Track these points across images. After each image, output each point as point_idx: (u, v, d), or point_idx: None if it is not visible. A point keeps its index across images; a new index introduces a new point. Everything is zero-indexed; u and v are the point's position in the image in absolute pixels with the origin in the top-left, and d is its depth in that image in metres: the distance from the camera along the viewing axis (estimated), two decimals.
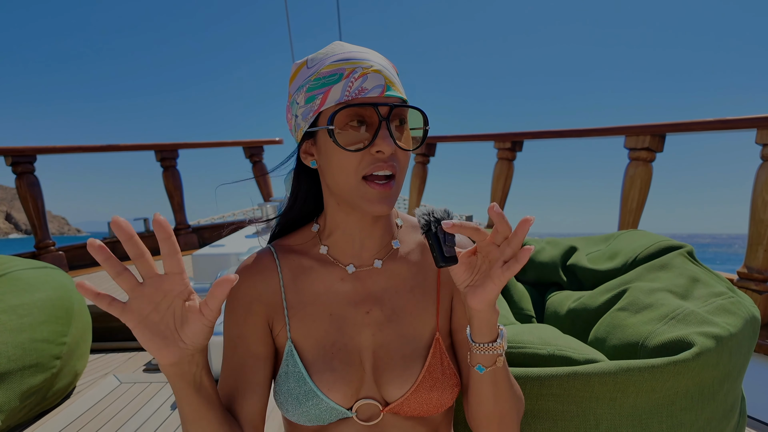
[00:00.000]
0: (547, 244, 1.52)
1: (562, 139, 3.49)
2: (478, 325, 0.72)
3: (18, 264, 2.08)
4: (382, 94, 0.72)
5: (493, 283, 0.67)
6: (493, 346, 0.72)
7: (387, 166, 0.72)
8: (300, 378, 0.78)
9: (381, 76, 0.73)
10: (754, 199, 2.30)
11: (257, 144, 5.31)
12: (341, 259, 0.84)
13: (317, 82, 0.74)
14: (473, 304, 0.69)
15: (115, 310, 0.59)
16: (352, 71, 0.72)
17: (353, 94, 0.72)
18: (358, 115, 0.72)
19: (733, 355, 0.95)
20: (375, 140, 0.71)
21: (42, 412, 1.94)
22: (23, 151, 3.82)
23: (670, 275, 1.14)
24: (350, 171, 0.73)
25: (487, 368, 0.74)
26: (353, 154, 0.72)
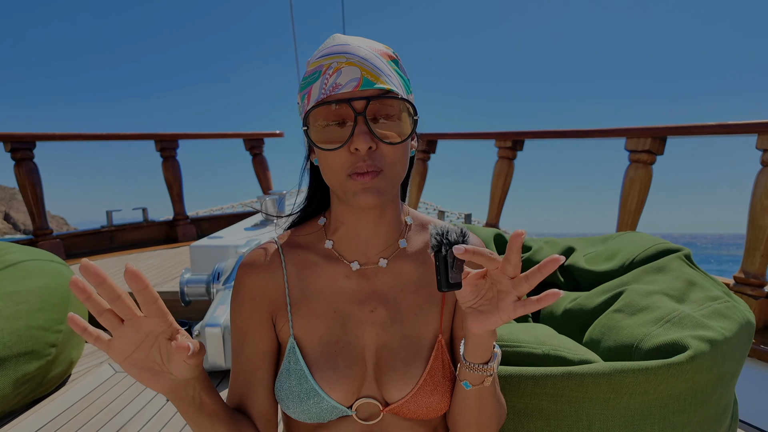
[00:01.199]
0: (545, 244, 1.52)
1: (563, 139, 3.49)
2: (473, 347, 0.71)
3: (15, 251, 2.08)
4: (357, 88, 0.69)
5: (500, 317, 0.64)
6: (484, 368, 0.72)
7: (366, 165, 0.70)
8: (302, 376, 0.78)
9: (356, 68, 0.69)
10: (753, 205, 2.31)
11: (258, 136, 5.30)
12: (346, 255, 0.83)
13: (304, 82, 0.74)
14: (473, 328, 0.67)
15: (102, 346, 0.60)
16: (328, 67, 0.70)
17: (328, 91, 0.70)
18: (334, 113, 0.70)
19: (727, 359, 0.95)
20: (351, 137, 0.69)
21: (36, 400, 1.94)
22: (23, 138, 3.81)
23: (666, 278, 1.14)
24: (336, 169, 0.72)
25: (473, 386, 0.73)
26: (333, 153, 0.71)
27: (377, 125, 0.70)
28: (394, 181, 0.74)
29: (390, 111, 0.71)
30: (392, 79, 0.72)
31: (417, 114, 0.74)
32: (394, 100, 0.71)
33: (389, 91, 0.71)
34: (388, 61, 0.74)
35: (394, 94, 0.71)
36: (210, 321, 2.06)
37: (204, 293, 2.40)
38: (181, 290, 2.39)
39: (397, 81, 0.74)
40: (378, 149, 0.71)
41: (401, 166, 0.74)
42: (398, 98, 0.71)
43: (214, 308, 2.16)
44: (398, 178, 0.75)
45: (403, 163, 0.75)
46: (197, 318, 2.81)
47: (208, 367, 2.09)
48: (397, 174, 0.74)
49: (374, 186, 0.71)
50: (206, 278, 2.40)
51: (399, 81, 0.74)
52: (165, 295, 2.88)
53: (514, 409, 0.97)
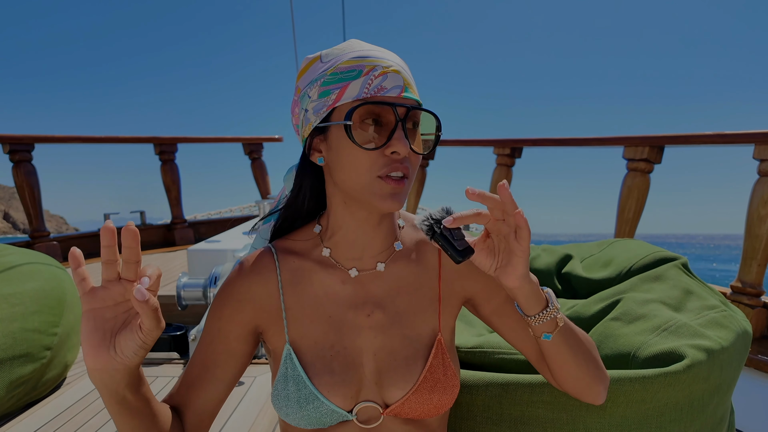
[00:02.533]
0: (543, 251, 1.52)
1: (562, 147, 3.50)
2: (524, 299, 0.72)
3: (11, 253, 2.07)
4: (401, 94, 0.72)
5: (518, 257, 0.67)
6: (548, 312, 0.72)
7: (401, 167, 0.72)
8: (300, 381, 0.77)
9: (400, 76, 0.73)
10: (750, 214, 2.31)
11: (257, 141, 5.30)
12: (343, 262, 0.82)
13: (334, 77, 0.73)
14: (509, 283, 0.69)
15: (83, 286, 0.61)
16: (372, 69, 0.72)
17: (372, 91, 0.71)
18: (374, 114, 0.71)
19: (723, 368, 0.95)
20: (391, 141, 0.71)
21: (31, 403, 1.93)
22: (21, 139, 3.80)
23: (663, 287, 1.15)
24: (363, 169, 0.72)
25: (552, 333, 0.74)
26: (367, 153, 0.71)
27: (410, 133, 0.74)
28: (410, 188, 0.77)
29: (420, 122, 0.76)
30: (416, 88, 0.77)
31: (441, 130, 0.77)
32: (424, 114, 0.75)
33: (420, 103, 0.76)
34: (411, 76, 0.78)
35: (428, 109, 0.75)
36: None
37: (201, 297, 2.39)
38: (177, 294, 2.38)
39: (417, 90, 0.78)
40: (409, 155, 0.74)
41: (415, 175, 0.78)
42: (432, 113, 0.75)
43: None
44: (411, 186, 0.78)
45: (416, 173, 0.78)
46: (193, 322, 2.80)
47: None
48: (412, 182, 0.77)
49: (401, 192, 0.73)
50: (203, 282, 2.39)
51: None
52: (161, 299, 2.87)
53: (511, 417, 0.97)
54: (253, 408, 1.88)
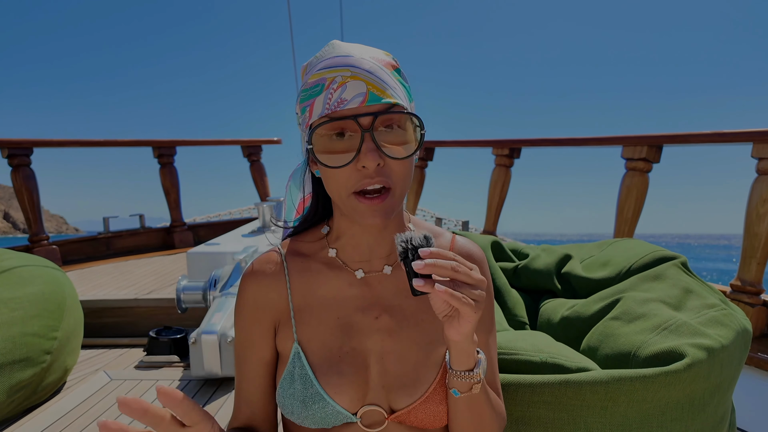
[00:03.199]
0: (543, 251, 1.52)
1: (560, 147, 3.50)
2: (456, 354, 0.71)
3: (10, 257, 2.07)
4: (363, 103, 0.68)
5: (465, 320, 0.64)
6: (470, 375, 0.72)
7: (375, 180, 0.69)
8: (306, 380, 0.77)
9: (362, 83, 0.68)
10: (749, 213, 2.32)
11: (255, 143, 5.30)
12: (350, 264, 0.82)
13: (305, 94, 0.72)
14: (451, 335, 0.67)
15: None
16: (332, 81, 0.69)
17: (333, 106, 0.68)
18: (340, 128, 0.69)
19: (724, 367, 0.95)
20: (359, 155, 0.68)
21: (31, 407, 1.93)
22: (20, 144, 3.80)
23: (663, 286, 1.15)
24: (340, 186, 0.71)
25: (462, 393, 0.73)
26: (340, 170, 0.70)
27: (384, 136, 0.69)
28: (402, 196, 0.74)
29: (397, 123, 0.71)
30: (397, 92, 0.72)
31: (424, 128, 0.73)
32: (402, 114, 0.70)
33: (395, 104, 0.70)
34: (392, 72, 0.73)
35: (400, 107, 0.70)
36: (206, 328, 2.06)
37: (200, 300, 2.39)
38: (177, 297, 2.38)
39: (402, 92, 0.73)
40: (386, 165, 0.70)
41: (408, 180, 0.74)
42: (405, 112, 0.70)
43: (211, 315, 2.15)
44: (405, 193, 0.75)
45: (410, 177, 0.74)
46: (193, 325, 2.80)
47: (205, 375, 2.08)
48: (404, 189, 0.74)
49: (383, 208, 0.71)
50: (203, 285, 2.39)
51: (403, 92, 0.74)
52: (161, 302, 2.87)
53: (512, 417, 0.97)
54: None
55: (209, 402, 1.95)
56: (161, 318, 2.87)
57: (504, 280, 1.43)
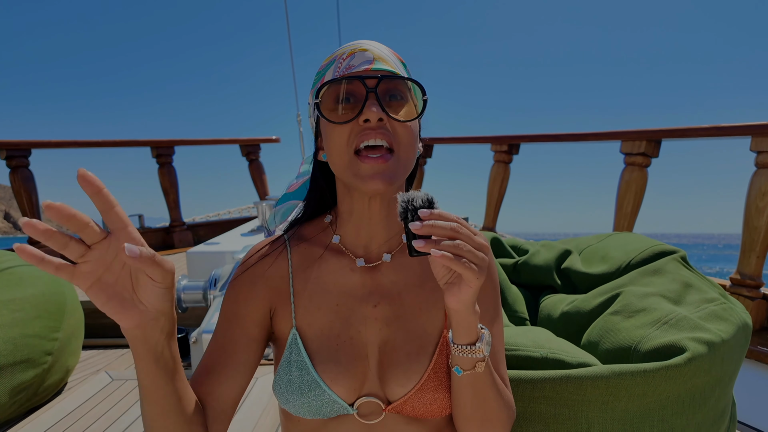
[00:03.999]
0: (542, 247, 1.52)
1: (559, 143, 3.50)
2: (457, 325, 0.69)
3: (11, 258, 2.07)
4: (370, 67, 0.72)
5: (467, 286, 0.63)
6: (472, 349, 0.69)
7: (376, 134, 0.70)
8: (303, 367, 0.76)
9: (369, 53, 0.73)
10: (748, 206, 2.32)
11: (254, 142, 5.30)
12: (352, 249, 0.83)
13: (318, 76, 0.77)
14: (450, 303, 0.65)
15: (65, 274, 0.54)
16: (342, 54, 0.74)
17: (342, 71, 0.73)
18: (346, 92, 0.72)
19: (724, 361, 0.95)
20: (362, 110, 0.70)
21: (32, 408, 1.93)
22: (18, 145, 3.80)
23: (663, 280, 1.15)
24: (342, 146, 0.72)
25: (465, 371, 0.71)
26: (343, 128, 0.71)
27: (388, 103, 0.73)
28: (407, 165, 0.75)
29: (401, 93, 0.74)
30: (400, 69, 0.76)
31: (426, 94, 0.75)
32: (404, 82, 0.74)
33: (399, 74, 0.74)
34: (399, 61, 0.78)
35: (403, 76, 0.74)
36: (207, 327, 2.06)
37: (201, 300, 2.39)
38: (177, 297, 2.38)
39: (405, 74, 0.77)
40: (389, 123, 0.72)
41: (411, 149, 0.75)
42: (408, 79, 0.74)
43: (211, 315, 2.15)
44: (409, 163, 0.75)
45: (414, 147, 0.76)
46: (194, 325, 2.80)
47: None
48: (409, 157, 0.75)
49: (386, 170, 0.71)
50: (203, 285, 2.39)
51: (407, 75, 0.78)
52: None
53: None
54: (255, 409, 1.88)
55: None
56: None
57: (504, 276, 1.43)
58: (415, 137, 0.75)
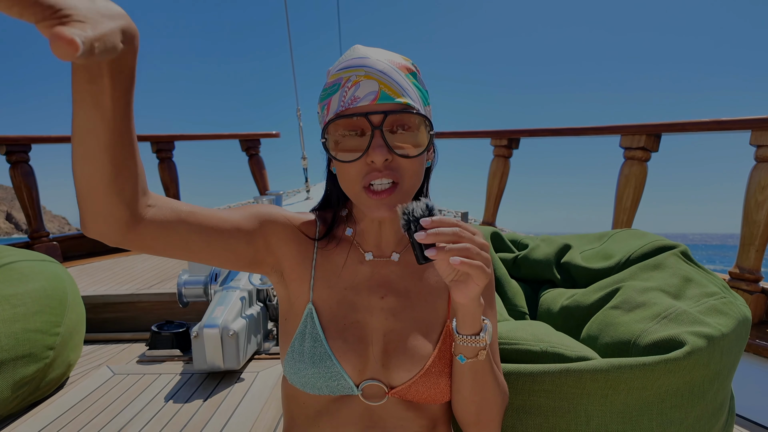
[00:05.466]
0: (542, 241, 1.52)
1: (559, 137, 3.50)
2: (462, 317, 0.73)
3: (11, 254, 2.07)
4: (374, 101, 0.72)
5: (474, 283, 0.67)
6: (476, 339, 0.74)
7: (383, 174, 0.73)
8: (317, 339, 0.80)
9: (374, 82, 0.72)
10: (747, 200, 2.32)
11: (254, 137, 5.29)
12: (362, 245, 0.87)
13: (324, 93, 0.77)
14: (458, 298, 0.69)
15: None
16: (347, 80, 0.73)
17: (347, 104, 0.73)
18: (352, 125, 0.73)
19: (724, 354, 0.96)
20: (368, 150, 0.72)
21: (34, 403, 1.94)
22: (18, 140, 3.79)
23: (663, 275, 1.15)
24: (351, 180, 0.75)
25: (468, 359, 0.76)
26: (351, 164, 0.74)
27: (394, 137, 0.73)
28: (410, 192, 0.77)
29: (407, 123, 0.74)
30: (410, 93, 0.75)
31: (433, 128, 0.76)
32: (411, 115, 0.74)
33: (406, 105, 0.73)
34: (407, 75, 0.76)
35: (410, 108, 0.73)
36: (208, 322, 2.06)
37: (202, 294, 2.40)
38: (178, 292, 2.39)
39: (415, 94, 0.76)
40: (394, 161, 0.74)
41: (417, 178, 0.77)
42: (414, 113, 0.73)
43: (212, 309, 2.16)
44: (413, 190, 0.78)
45: (418, 175, 0.78)
46: (195, 319, 2.81)
47: (207, 368, 2.09)
48: (412, 186, 0.77)
49: (390, 201, 0.74)
50: (204, 279, 2.40)
51: (416, 94, 0.77)
52: (163, 297, 2.88)
53: (513, 406, 0.97)
54: (256, 402, 1.89)
55: (211, 396, 1.96)
56: (163, 312, 2.88)
57: (504, 271, 1.44)
58: (421, 164, 0.77)
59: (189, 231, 0.70)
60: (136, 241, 0.65)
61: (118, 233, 0.63)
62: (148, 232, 0.66)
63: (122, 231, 0.63)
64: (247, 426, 1.72)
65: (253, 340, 2.30)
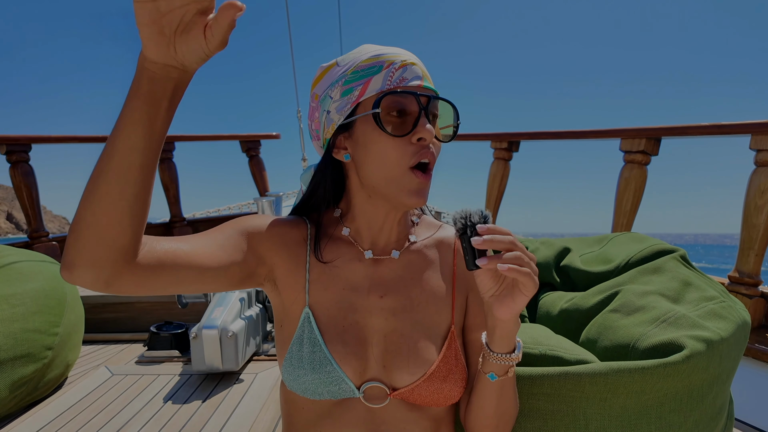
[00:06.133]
0: (541, 244, 1.53)
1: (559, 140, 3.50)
2: (500, 335, 0.72)
3: (11, 254, 2.07)
4: (421, 84, 0.75)
5: (521, 294, 0.67)
6: (509, 357, 0.74)
7: (429, 153, 0.75)
8: (315, 344, 0.79)
9: (419, 68, 0.76)
10: (747, 204, 2.32)
11: (254, 138, 5.29)
12: (361, 243, 0.86)
13: (355, 75, 0.76)
14: (500, 314, 0.68)
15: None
16: (392, 63, 0.75)
17: (395, 82, 0.74)
18: (399, 104, 0.74)
19: (723, 359, 0.96)
20: (416, 128, 0.73)
21: (33, 403, 1.94)
22: (18, 140, 3.79)
23: (662, 279, 1.15)
24: (392, 161, 0.74)
25: (499, 377, 0.75)
26: (395, 142, 0.73)
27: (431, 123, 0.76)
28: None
29: (438, 114, 0.78)
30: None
31: (459, 119, 0.79)
32: (448, 105, 0.78)
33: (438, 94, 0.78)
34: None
35: (448, 99, 0.77)
36: (207, 323, 2.06)
37: (201, 295, 2.39)
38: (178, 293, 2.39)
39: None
40: (433, 144, 0.77)
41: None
42: (451, 103, 0.77)
43: (211, 310, 2.16)
44: None
45: None
46: (194, 320, 2.81)
47: (206, 369, 2.08)
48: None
49: (426, 188, 0.76)
50: None
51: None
52: (162, 298, 2.88)
53: None
54: (255, 404, 1.89)
55: (210, 397, 1.96)
56: (162, 313, 2.88)
57: None
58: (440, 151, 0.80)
59: (180, 268, 0.69)
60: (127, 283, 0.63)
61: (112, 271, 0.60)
62: (141, 272, 0.64)
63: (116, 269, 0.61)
64: (246, 427, 1.71)
65: (252, 342, 2.30)
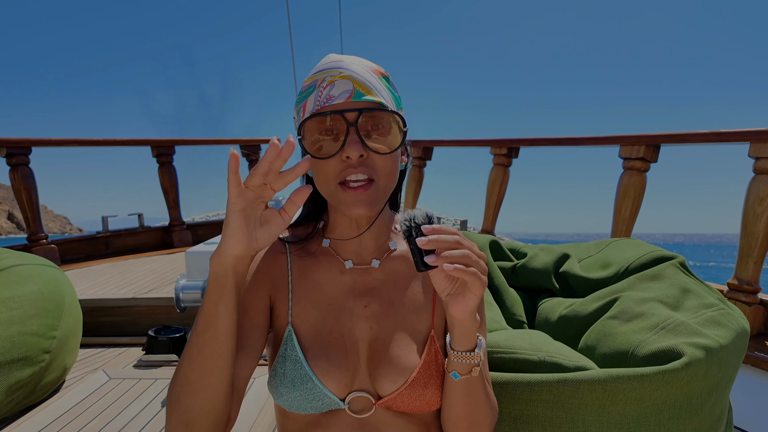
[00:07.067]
0: (541, 250, 1.52)
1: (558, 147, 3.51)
2: (459, 333, 0.73)
3: (9, 256, 2.07)
4: (349, 99, 0.73)
5: (472, 294, 0.68)
6: (471, 356, 0.74)
7: (359, 170, 0.73)
8: (297, 362, 0.79)
9: (349, 81, 0.74)
10: (746, 212, 2.32)
11: (254, 142, 5.30)
12: (342, 254, 0.87)
13: (300, 97, 0.78)
14: (455, 312, 0.70)
15: (237, 190, 0.65)
16: (322, 80, 0.74)
17: (322, 102, 0.74)
18: (327, 123, 0.74)
19: (722, 366, 0.95)
20: (343, 146, 0.72)
21: (29, 406, 1.93)
22: (18, 143, 3.79)
23: (661, 285, 1.15)
24: (327, 178, 0.75)
25: (462, 376, 0.76)
26: (327, 162, 0.74)
27: (368, 137, 0.74)
28: (386, 190, 0.78)
29: (380, 123, 0.75)
30: (382, 93, 0.76)
31: (406, 126, 0.77)
32: (384, 113, 0.75)
33: (380, 104, 0.74)
34: (379, 78, 0.78)
35: (384, 106, 0.75)
36: None
37: (200, 299, 2.38)
38: (176, 296, 2.38)
39: (388, 96, 0.77)
40: (369, 158, 0.74)
41: (392, 177, 0.78)
42: (388, 111, 0.75)
43: None
44: (389, 188, 0.79)
45: (393, 175, 0.78)
46: (192, 324, 2.80)
47: None
48: (388, 184, 0.78)
49: (366, 198, 0.74)
50: (202, 284, 2.39)
51: (389, 96, 0.78)
52: (161, 302, 2.88)
53: (510, 416, 0.97)
54: (253, 409, 1.88)
55: None
56: (160, 317, 2.88)
57: (502, 279, 1.43)
58: (395, 163, 0.78)
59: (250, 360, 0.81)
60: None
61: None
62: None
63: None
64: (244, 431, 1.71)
65: None
